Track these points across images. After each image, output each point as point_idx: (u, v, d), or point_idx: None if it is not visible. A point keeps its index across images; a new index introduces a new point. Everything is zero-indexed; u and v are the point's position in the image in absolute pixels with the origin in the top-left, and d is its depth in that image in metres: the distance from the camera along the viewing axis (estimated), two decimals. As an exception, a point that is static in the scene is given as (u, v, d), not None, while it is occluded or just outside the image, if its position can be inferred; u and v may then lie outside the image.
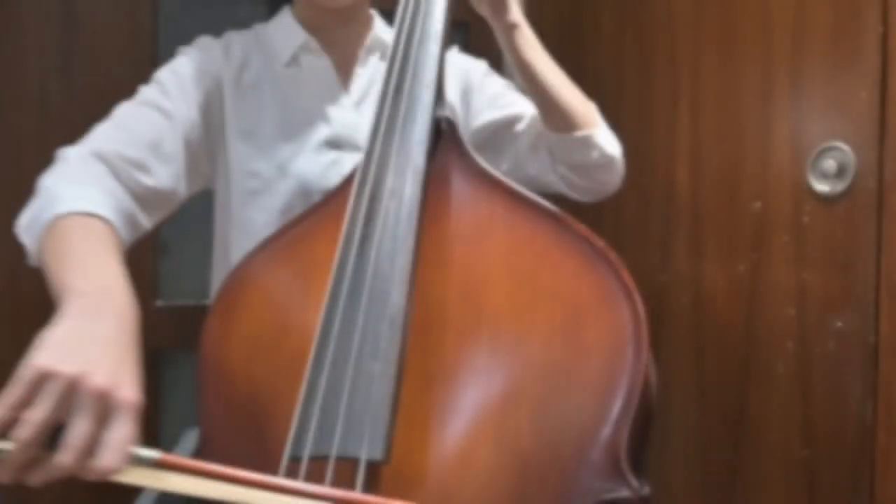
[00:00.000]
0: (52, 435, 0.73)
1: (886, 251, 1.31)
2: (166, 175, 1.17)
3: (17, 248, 1.03)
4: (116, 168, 1.10)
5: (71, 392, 0.73)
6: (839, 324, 1.38)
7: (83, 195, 1.00)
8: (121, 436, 0.73)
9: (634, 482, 0.81)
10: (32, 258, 1.03)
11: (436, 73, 1.08)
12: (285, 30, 1.31)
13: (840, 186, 1.37)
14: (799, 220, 1.45)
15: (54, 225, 0.97)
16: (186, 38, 1.31)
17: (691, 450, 1.66)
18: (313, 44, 1.29)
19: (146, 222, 1.14)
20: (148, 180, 1.13)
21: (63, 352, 0.75)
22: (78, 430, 0.71)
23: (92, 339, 0.79)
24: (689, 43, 1.67)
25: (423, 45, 1.10)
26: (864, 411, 1.34)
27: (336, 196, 1.07)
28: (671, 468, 1.69)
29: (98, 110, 1.66)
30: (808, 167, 1.42)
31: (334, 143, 1.27)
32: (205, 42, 1.30)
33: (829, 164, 1.38)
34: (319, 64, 1.30)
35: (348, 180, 1.06)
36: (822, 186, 1.40)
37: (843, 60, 1.38)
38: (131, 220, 1.10)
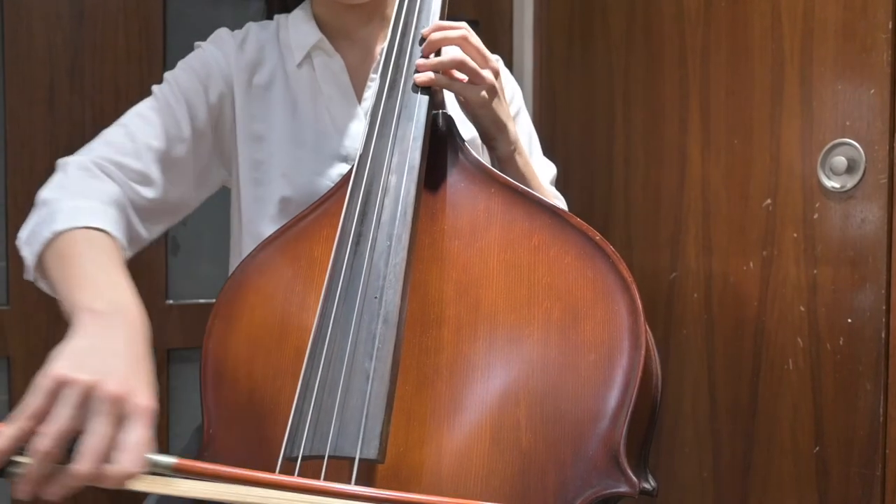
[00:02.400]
0: (69, 447, 0.72)
1: (897, 247, 1.32)
2: (171, 186, 1.15)
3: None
4: (117, 180, 1.09)
5: (87, 399, 0.73)
6: (850, 320, 1.38)
7: (83, 208, 0.99)
8: (137, 439, 0.73)
9: (633, 477, 0.81)
10: (29, 273, 1.03)
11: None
12: (301, 27, 1.26)
13: (850, 183, 1.37)
14: (809, 217, 1.45)
15: (55, 241, 0.96)
16: (195, 37, 1.29)
17: (702, 446, 1.66)
18: (326, 44, 1.24)
19: (145, 234, 1.14)
20: (150, 193, 1.12)
21: (78, 361, 0.76)
22: (95, 435, 0.72)
23: (105, 350, 0.79)
24: (699, 41, 1.67)
25: (419, 42, 1.09)
26: (876, 407, 1.34)
27: (334, 195, 1.06)
28: (682, 464, 1.69)
29: (107, 109, 1.67)
30: (819, 164, 1.42)
31: (342, 156, 1.23)
32: (221, 37, 1.26)
33: (840, 160, 1.38)
34: (332, 65, 1.25)
35: (346, 178, 1.05)
36: (832, 183, 1.40)
37: (852, 57, 1.38)
38: (131, 232, 1.09)
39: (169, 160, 1.15)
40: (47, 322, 1.65)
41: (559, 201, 1.32)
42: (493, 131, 1.13)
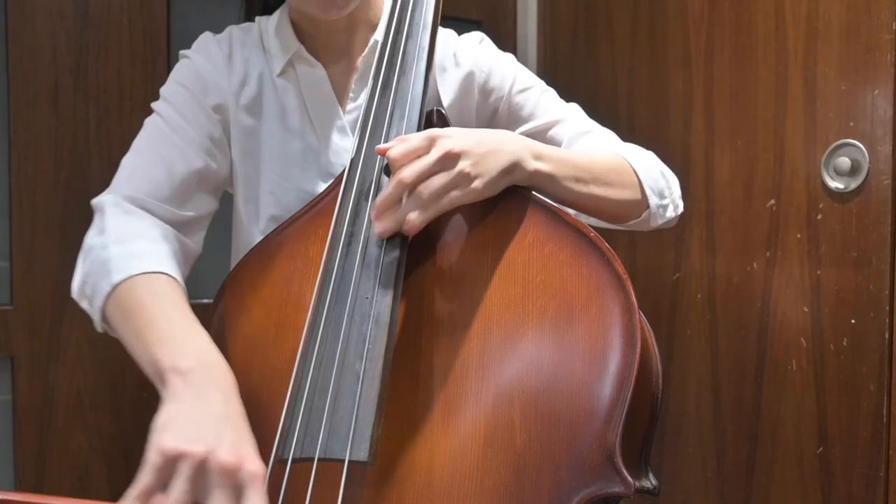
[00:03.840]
0: None
1: (901, 248, 1.32)
2: (204, 201, 1.13)
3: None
4: (155, 210, 1.06)
5: (202, 471, 0.72)
6: (853, 320, 1.38)
7: (135, 252, 0.96)
8: None
9: (629, 478, 0.78)
10: (98, 326, 1.00)
11: (426, 66, 1.05)
12: (280, 34, 1.19)
13: (854, 183, 1.37)
14: (813, 217, 1.44)
15: (116, 294, 0.93)
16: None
17: (706, 446, 1.65)
18: (305, 52, 1.17)
19: (196, 247, 1.12)
20: (188, 212, 1.10)
21: (186, 432, 0.75)
22: None
23: (207, 416, 0.78)
24: (703, 41, 1.67)
25: (413, 37, 1.07)
26: (879, 408, 1.34)
27: (329, 194, 1.05)
28: (686, 464, 1.69)
29: (111, 109, 1.67)
30: (822, 164, 1.42)
31: (328, 173, 1.18)
32: (208, 48, 1.20)
33: (843, 161, 1.38)
34: (315, 75, 1.18)
35: (339, 178, 1.03)
36: (835, 183, 1.40)
37: (856, 57, 1.37)
38: (184, 256, 1.07)
39: (195, 180, 1.12)
40: (51, 322, 1.64)
41: (640, 152, 1.20)
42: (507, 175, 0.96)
